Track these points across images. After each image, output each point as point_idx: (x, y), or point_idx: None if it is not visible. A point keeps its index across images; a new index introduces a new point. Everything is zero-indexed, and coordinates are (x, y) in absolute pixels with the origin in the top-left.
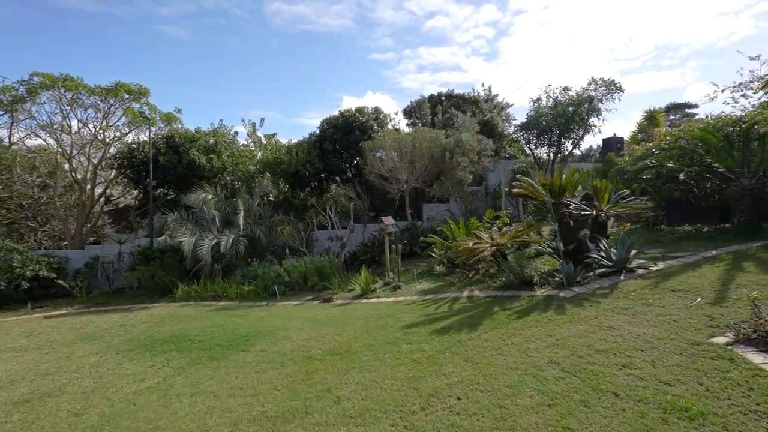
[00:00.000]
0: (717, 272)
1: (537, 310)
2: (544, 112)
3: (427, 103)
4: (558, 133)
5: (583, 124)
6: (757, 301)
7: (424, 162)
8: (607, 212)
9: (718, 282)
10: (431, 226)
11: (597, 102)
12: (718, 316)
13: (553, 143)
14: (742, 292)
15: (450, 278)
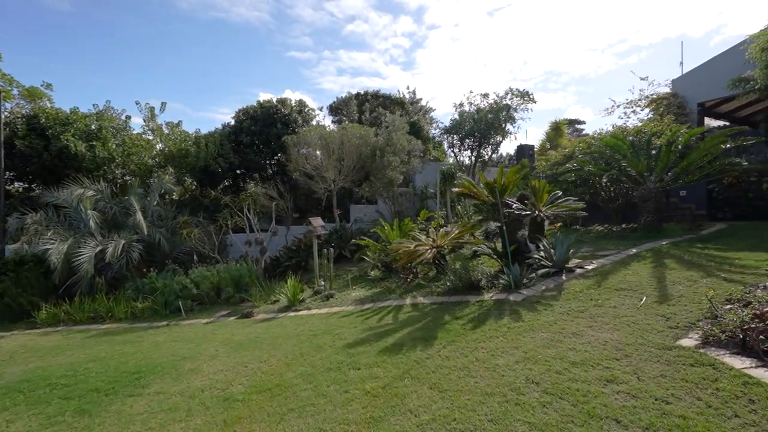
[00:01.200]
0: (647, 270)
1: (491, 318)
2: (467, 118)
3: (354, 100)
4: (479, 137)
5: (500, 130)
6: (713, 300)
7: (352, 160)
8: (545, 212)
9: (653, 279)
10: (361, 228)
11: (512, 111)
12: (671, 315)
13: (474, 147)
14: (679, 289)
15: (387, 284)
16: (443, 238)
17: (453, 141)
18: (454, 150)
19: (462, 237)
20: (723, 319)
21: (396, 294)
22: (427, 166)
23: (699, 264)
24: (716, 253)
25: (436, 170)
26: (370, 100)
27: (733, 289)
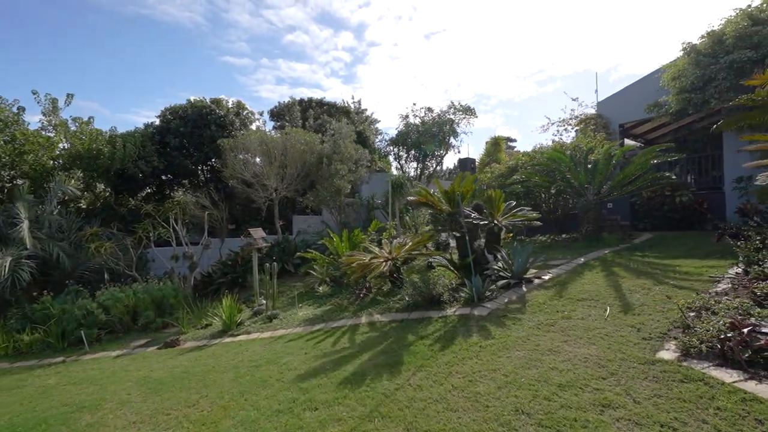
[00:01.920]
0: (601, 279)
1: (459, 336)
2: (412, 129)
3: (298, 106)
4: (424, 149)
5: (444, 143)
6: (683, 309)
7: (296, 168)
8: (501, 222)
9: (610, 288)
10: (305, 240)
11: (455, 125)
12: (640, 326)
13: (420, 159)
14: (637, 298)
15: (339, 300)
16: (399, 250)
17: (399, 152)
18: (400, 161)
19: (418, 248)
20: (697, 329)
21: (349, 312)
22: (373, 177)
23: (646, 272)
24: (656, 261)
25: (382, 181)
26: (315, 108)
27: (687, 296)
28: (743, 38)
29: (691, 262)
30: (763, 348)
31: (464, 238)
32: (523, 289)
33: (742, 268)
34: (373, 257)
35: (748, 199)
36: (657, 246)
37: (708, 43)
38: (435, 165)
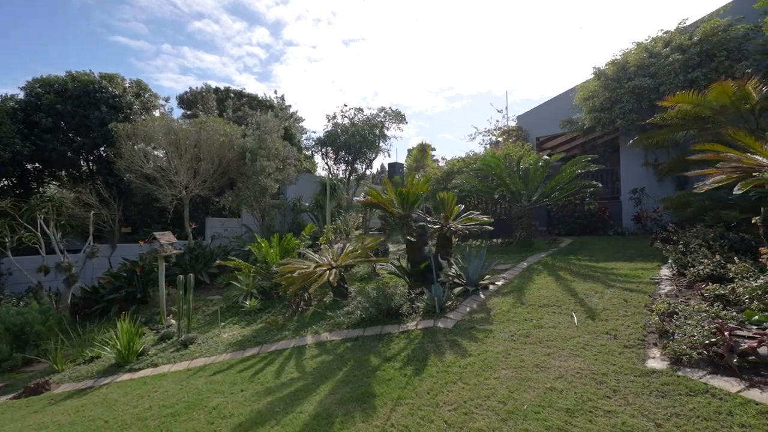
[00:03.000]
0: (552, 283)
1: (431, 354)
2: (341, 130)
3: (213, 95)
4: (354, 152)
5: (375, 147)
6: (660, 313)
7: (213, 163)
8: (455, 226)
9: (566, 293)
10: (223, 246)
11: (385, 128)
12: (613, 332)
13: (349, 161)
14: (596, 302)
15: (272, 316)
16: (346, 257)
17: (327, 153)
18: (328, 162)
19: (366, 253)
20: (676, 334)
21: (289, 330)
22: (300, 178)
23: (589, 275)
24: (592, 264)
25: (309, 182)
26: (233, 99)
27: (640, 299)
28: (642, 67)
29: (622, 265)
30: (747, 352)
31: (417, 243)
32: (481, 296)
33: (676, 270)
34: (317, 265)
35: (641, 207)
36: (582, 250)
37: (614, 70)
38: (365, 168)
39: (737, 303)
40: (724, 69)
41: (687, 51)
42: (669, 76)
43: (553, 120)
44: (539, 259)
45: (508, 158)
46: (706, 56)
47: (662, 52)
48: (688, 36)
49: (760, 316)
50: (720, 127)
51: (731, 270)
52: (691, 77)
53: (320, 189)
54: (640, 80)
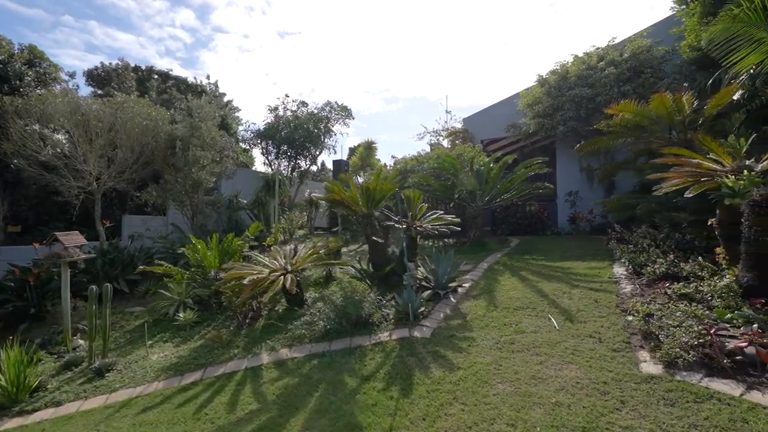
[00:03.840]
0: (518, 284)
1: (416, 371)
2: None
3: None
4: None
5: (319, 142)
6: (643, 314)
7: (133, 151)
8: (423, 226)
9: (535, 294)
10: (145, 248)
11: (331, 124)
12: (596, 335)
13: (291, 157)
14: (568, 303)
15: (215, 331)
16: (305, 260)
17: (268, 147)
18: (268, 157)
19: (326, 256)
20: (660, 336)
21: (238, 347)
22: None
23: (551, 275)
24: (550, 264)
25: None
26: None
27: (608, 299)
28: (582, 78)
29: (577, 264)
30: (734, 352)
31: (382, 244)
32: (452, 299)
33: (631, 269)
34: (272, 270)
35: (575, 209)
36: (533, 250)
37: (556, 79)
38: (308, 164)
39: (701, 301)
40: (650, 84)
41: (619, 66)
42: (605, 88)
43: (496, 123)
44: (497, 260)
45: (461, 158)
46: (635, 72)
47: (598, 65)
48: (620, 53)
49: (733, 314)
50: (653, 136)
51: (685, 269)
52: (623, 90)
53: (263, 185)
54: (579, 90)
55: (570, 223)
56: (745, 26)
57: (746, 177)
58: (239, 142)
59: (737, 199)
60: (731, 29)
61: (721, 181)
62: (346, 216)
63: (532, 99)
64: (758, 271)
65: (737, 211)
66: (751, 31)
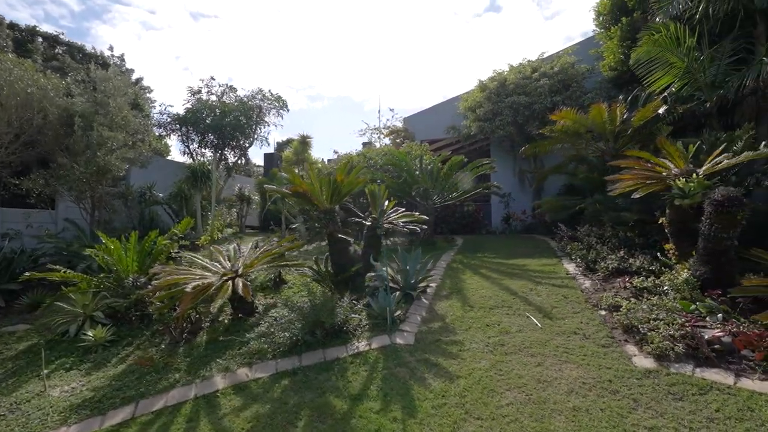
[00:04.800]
0: (484, 282)
1: (413, 383)
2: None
3: (8, 30)
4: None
5: (250, 133)
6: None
7: (11, 126)
8: (387, 223)
9: (504, 292)
10: (29, 250)
11: (263, 114)
12: (579, 332)
13: (217, 147)
14: (540, 300)
15: (139, 351)
16: (261, 260)
17: (189, 134)
18: (190, 145)
19: (282, 257)
20: (642, 329)
21: (180, 371)
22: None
23: (510, 272)
24: (504, 262)
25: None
26: (43, 43)
27: (574, 294)
28: (519, 86)
29: (529, 261)
30: (713, 341)
31: (345, 243)
32: (424, 301)
33: (584, 265)
34: (221, 274)
35: (509, 210)
36: (481, 248)
37: (496, 85)
38: (237, 156)
39: (662, 294)
40: (576, 97)
41: (552, 78)
42: (540, 97)
43: (436, 124)
44: (452, 258)
45: (410, 156)
46: (563, 85)
47: (533, 76)
48: (551, 66)
49: (698, 306)
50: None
51: (634, 264)
52: (554, 100)
53: (188, 176)
54: (517, 97)
55: (504, 222)
56: (662, 50)
57: (696, 180)
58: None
59: (687, 200)
60: (651, 52)
61: (674, 183)
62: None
63: (474, 103)
64: (712, 265)
65: (686, 211)
66: (666, 55)
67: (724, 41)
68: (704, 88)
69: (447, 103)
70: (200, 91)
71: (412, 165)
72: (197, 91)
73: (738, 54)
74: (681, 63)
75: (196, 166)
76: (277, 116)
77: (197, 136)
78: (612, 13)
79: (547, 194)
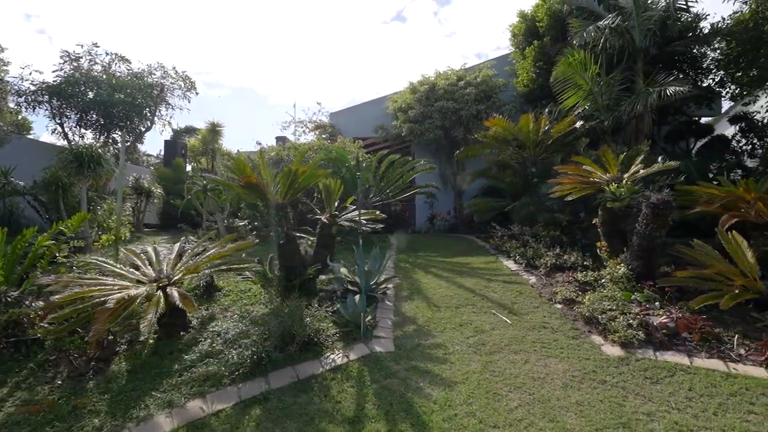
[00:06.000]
0: (439, 281)
1: (413, 396)
2: (91, 81)
3: None
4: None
5: (148, 115)
6: None
7: None
8: (346, 221)
9: (462, 290)
10: None
11: (167, 93)
12: (546, 325)
13: (103, 128)
14: (499, 296)
15: (26, 392)
16: (209, 262)
17: (62, 110)
18: (64, 123)
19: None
20: (601, 319)
21: (102, 413)
22: (11, 140)
23: (459, 271)
24: (448, 260)
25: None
26: None
27: (526, 290)
28: (448, 92)
29: (471, 260)
30: (661, 327)
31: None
32: (387, 303)
33: (524, 262)
34: (153, 284)
35: (433, 211)
36: (417, 247)
37: (426, 89)
38: (131, 140)
39: (598, 287)
40: (497, 108)
41: (477, 87)
42: (467, 104)
43: (363, 123)
44: (395, 258)
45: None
46: (485, 95)
47: (459, 84)
48: (475, 76)
49: (639, 295)
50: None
51: (569, 260)
52: (479, 108)
53: (69, 161)
54: (446, 102)
55: (428, 222)
56: (573, 73)
57: (626, 186)
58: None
59: (617, 203)
60: (566, 73)
61: (607, 188)
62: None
63: (404, 104)
64: (645, 260)
65: (616, 213)
66: (576, 78)
67: (615, 71)
68: (602, 110)
69: (374, 102)
70: (80, 57)
71: (352, 161)
72: (76, 58)
73: (625, 84)
74: (587, 86)
75: (82, 149)
76: (183, 99)
77: (74, 112)
78: (525, 35)
79: (467, 196)
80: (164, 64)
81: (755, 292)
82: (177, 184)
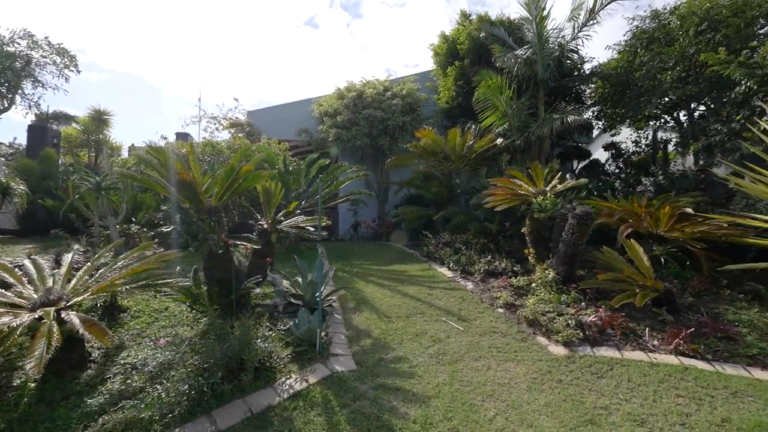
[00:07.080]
0: (382, 291)
1: (388, 417)
2: None
3: None
4: None
5: (6, 92)
6: None
7: None
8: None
9: (407, 299)
10: None
11: (35, 68)
12: (495, 330)
13: None
14: (444, 303)
15: None
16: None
17: None
18: None
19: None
20: (541, 321)
21: None
22: None
23: (399, 279)
24: (384, 268)
25: None
26: None
27: (468, 296)
28: (376, 101)
29: (405, 267)
30: (591, 325)
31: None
32: (336, 316)
33: (459, 269)
34: (40, 308)
35: (357, 219)
36: (348, 255)
37: (354, 96)
38: None
39: (531, 291)
40: (420, 121)
41: (403, 99)
42: (393, 114)
43: (285, 124)
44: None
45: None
46: (410, 108)
47: (386, 94)
48: (401, 88)
49: (567, 297)
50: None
51: (500, 267)
52: (404, 120)
53: None
54: (373, 111)
55: (352, 229)
56: (492, 94)
57: (550, 198)
58: None
59: (543, 214)
60: (486, 94)
61: (535, 200)
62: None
63: (331, 109)
64: (568, 265)
65: (542, 223)
66: (493, 99)
67: (524, 98)
68: (513, 130)
69: (297, 103)
70: None
71: (281, 165)
72: None
73: (532, 109)
74: (503, 107)
75: None
76: (59, 77)
77: None
78: (446, 55)
79: (390, 205)
80: (33, 33)
81: (654, 290)
82: (46, 180)
